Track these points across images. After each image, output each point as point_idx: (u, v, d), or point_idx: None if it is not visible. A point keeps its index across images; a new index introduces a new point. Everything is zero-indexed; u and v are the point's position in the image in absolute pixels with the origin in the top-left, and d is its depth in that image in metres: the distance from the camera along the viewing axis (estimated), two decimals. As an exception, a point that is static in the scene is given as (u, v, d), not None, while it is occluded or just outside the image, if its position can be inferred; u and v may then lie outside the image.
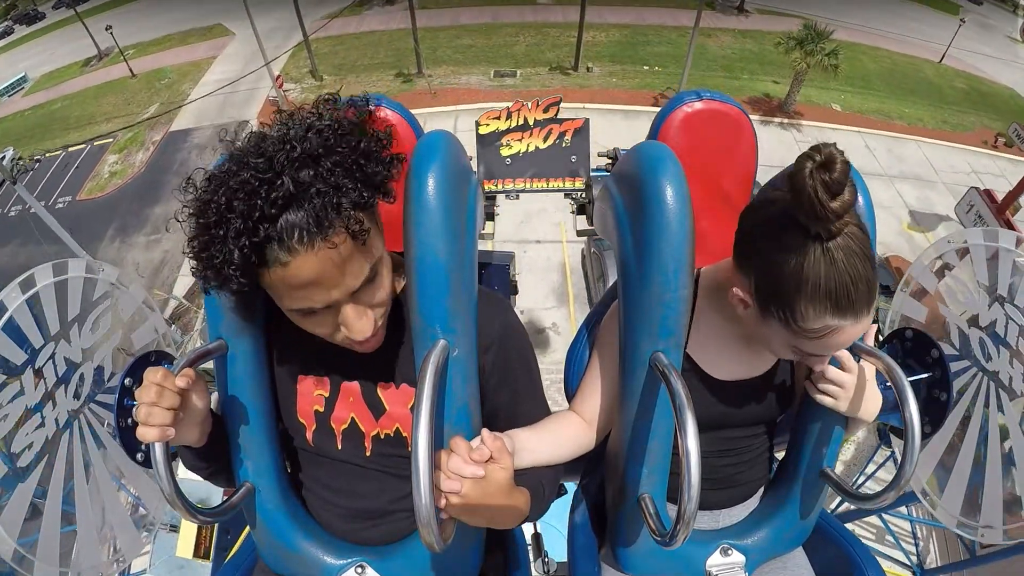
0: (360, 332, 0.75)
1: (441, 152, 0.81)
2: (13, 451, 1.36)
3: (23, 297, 1.38)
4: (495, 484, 0.75)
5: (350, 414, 0.92)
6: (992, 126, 19.18)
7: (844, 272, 0.73)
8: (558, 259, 11.93)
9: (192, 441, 0.83)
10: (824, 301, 0.74)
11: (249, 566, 1.14)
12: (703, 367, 0.99)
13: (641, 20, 23.86)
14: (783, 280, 0.76)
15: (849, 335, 0.78)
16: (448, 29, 23.09)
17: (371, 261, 0.73)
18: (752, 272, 0.83)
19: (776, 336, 0.84)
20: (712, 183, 1.10)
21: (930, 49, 24.25)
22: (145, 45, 25.52)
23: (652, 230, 0.82)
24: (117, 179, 17.63)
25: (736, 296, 0.86)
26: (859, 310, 0.76)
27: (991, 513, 1.68)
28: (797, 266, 0.75)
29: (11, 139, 21.09)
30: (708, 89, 1.14)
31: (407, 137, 1.10)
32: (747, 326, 0.90)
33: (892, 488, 0.86)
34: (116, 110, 21.43)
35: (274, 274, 0.67)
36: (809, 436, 1.02)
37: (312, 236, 0.64)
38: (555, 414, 1.02)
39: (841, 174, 0.68)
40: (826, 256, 0.73)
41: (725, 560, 1.03)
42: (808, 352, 0.83)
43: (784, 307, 0.78)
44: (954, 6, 32.04)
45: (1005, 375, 1.63)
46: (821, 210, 0.69)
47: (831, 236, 0.73)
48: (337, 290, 0.70)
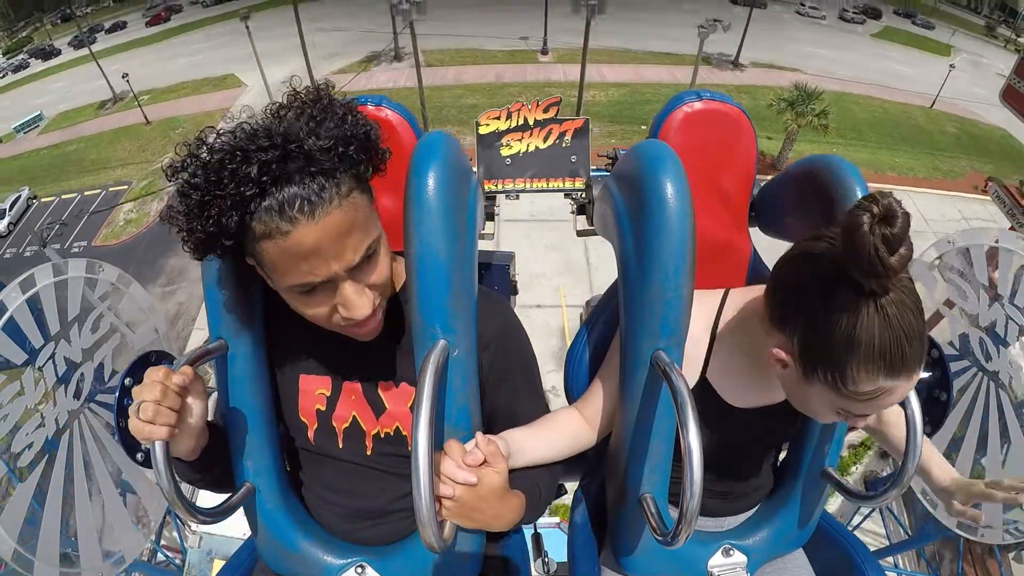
0: (359, 309, 0.74)
1: (441, 152, 0.81)
2: (13, 451, 1.36)
3: (23, 297, 1.38)
4: (488, 488, 0.75)
5: (351, 412, 0.92)
6: (983, 169, 19.29)
7: (898, 329, 0.67)
8: (557, 324, 12.06)
9: (184, 452, 0.80)
10: (878, 362, 0.69)
11: (249, 566, 1.14)
12: (722, 394, 0.97)
13: (639, 77, 24.06)
14: (833, 342, 0.70)
15: (900, 394, 0.73)
16: (453, 88, 23.31)
17: (370, 238, 0.73)
18: (796, 331, 0.76)
19: (820, 397, 0.78)
20: (712, 183, 1.10)
21: (922, 96, 24.59)
22: (159, 92, 25.60)
23: (652, 228, 0.82)
24: (132, 227, 17.70)
25: (775, 357, 0.80)
26: (912, 368, 0.70)
27: (991, 513, 1.68)
28: (849, 327, 0.68)
29: (27, 177, 21.47)
30: (708, 89, 1.14)
31: (408, 138, 1.10)
32: (784, 385, 0.84)
33: (894, 487, 0.86)
34: (131, 156, 21.56)
35: (276, 246, 0.67)
36: (810, 436, 1.02)
37: (313, 206, 0.66)
38: (553, 412, 1.02)
39: (902, 229, 0.62)
40: (880, 314, 0.67)
41: (727, 561, 1.03)
42: (855, 413, 0.77)
43: (833, 370, 0.72)
44: (945, 47, 32.51)
45: (1005, 375, 1.63)
46: (880, 268, 0.63)
47: (885, 292, 0.67)
48: (337, 262, 0.70)
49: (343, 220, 0.68)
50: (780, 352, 0.79)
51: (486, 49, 26.40)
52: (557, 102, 1.67)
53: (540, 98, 1.62)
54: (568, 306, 12.32)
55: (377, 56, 26.32)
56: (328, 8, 32.11)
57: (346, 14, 30.92)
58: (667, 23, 29.02)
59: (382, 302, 0.81)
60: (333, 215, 0.67)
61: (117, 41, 33.64)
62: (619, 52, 25.66)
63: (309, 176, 0.66)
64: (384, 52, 26.40)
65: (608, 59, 25.03)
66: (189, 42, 31.65)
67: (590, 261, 13.69)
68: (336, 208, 0.67)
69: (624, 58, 25.65)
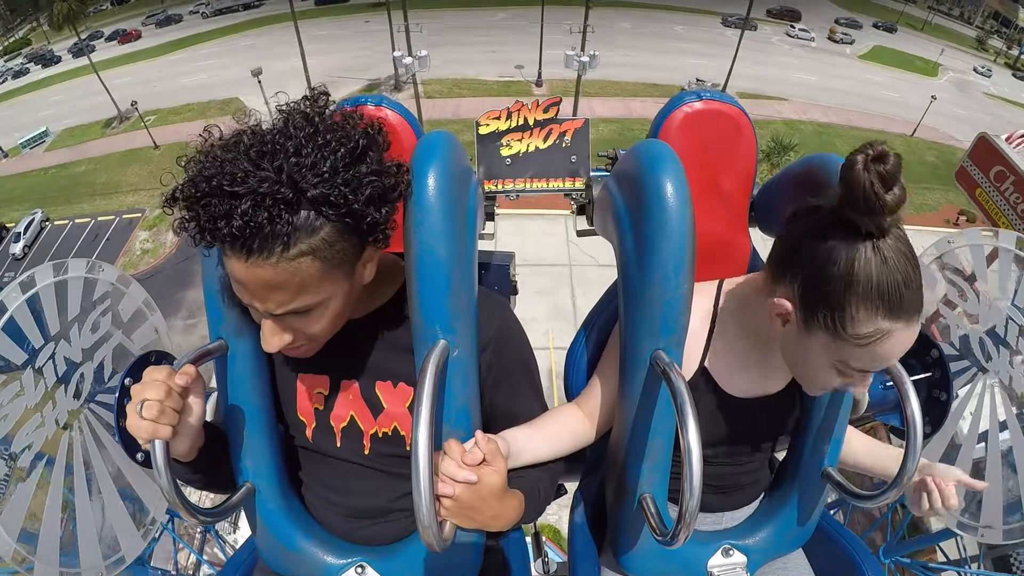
0: (267, 344, 0.75)
1: (441, 152, 0.81)
2: (13, 451, 1.35)
3: (23, 297, 1.38)
4: (487, 488, 0.75)
5: (349, 412, 0.92)
6: (956, 201, 19.21)
7: (896, 272, 0.70)
8: (546, 366, 12.25)
9: (181, 453, 0.79)
10: (876, 301, 0.70)
11: (249, 566, 1.14)
12: (719, 382, 0.97)
13: (629, 112, 24.15)
14: (833, 281, 0.72)
15: (898, 343, 0.73)
16: (452, 122, 23.40)
17: (304, 300, 0.71)
18: (798, 277, 0.78)
19: (819, 352, 0.78)
20: (712, 183, 1.10)
21: (905, 122, 24.72)
22: (165, 113, 25.50)
23: (653, 228, 0.82)
24: (150, 257, 17.78)
25: (777, 308, 0.81)
26: (910, 314, 0.71)
27: (991, 513, 1.68)
28: (848, 265, 0.71)
29: (37, 197, 21.53)
30: (708, 89, 1.14)
31: (408, 138, 1.10)
32: (785, 346, 0.85)
33: (894, 486, 0.86)
34: (141, 181, 21.53)
35: (225, 259, 0.69)
36: (810, 436, 1.02)
37: (250, 251, 0.65)
38: (553, 409, 1.02)
39: (895, 167, 0.66)
40: (878, 255, 0.70)
41: (726, 560, 1.03)
42: (854, 366, 0.77)
43: (833, 310, 0.73)
44: (933, 67, 32.68)
45: (1005, 375, 1.63)
46: (876, 202, 0.66)
47: (883, 233, 0.70)
48: (258, 302, 0.71)
49: (272, 277, 0.67)
50: (782, 301, 0.80)
51: (483, 79, 26.54)
52: (557, 102, 1.67)
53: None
54: (556, 348, 12.67)
55: (378, 85, 26.40)
56: (326, 26, 32.20)
57: (343, 41, 31.02)
58: (660, 50, 29.24)
59: (312, 346, 0.81)
60: (263, 269, 0.66)
61: (118, 52, 33.54)
62: (611, 83, 25.82)
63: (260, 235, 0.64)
64: (384, 80, 26.53)
65: (600, 91, 25.18)
66: (191, 58, 31.51)
67: (576, 305, 14.07)
68: (269, 265, 0.66)
69: (614, 90, 25.81)
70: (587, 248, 14.53)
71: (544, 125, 1.68)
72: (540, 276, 14.39)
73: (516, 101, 1.68)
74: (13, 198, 22.16)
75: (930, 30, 38.73)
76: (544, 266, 14.36)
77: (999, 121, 26.86)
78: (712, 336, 0.96)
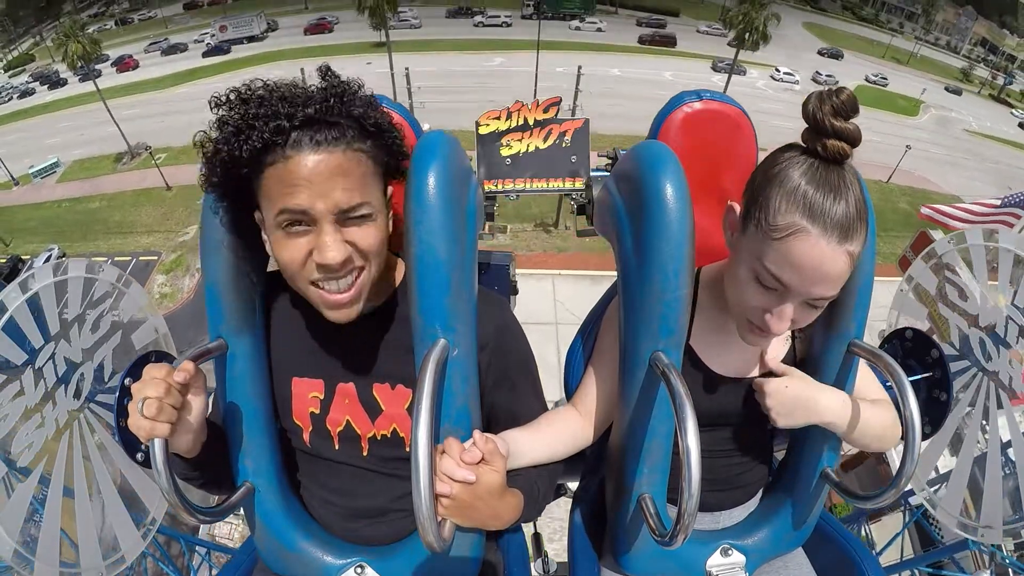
0: (329, 251, 0.74)
1: (441, 152, 0.81)
2: (13, 451, 1.36)
3: (23, 297, 1.38)
4: (486, 487, 0.75)
5: (345, 416, 0.92)
6: None
7: (826, 185, 0.75)
8: None
9: (183, 449, 0.80)
10: (799, 199, 0.75)
11: (249, 566, 1.14)
12: (702, 358, 0.99)
13: None
14: (769, 181, 0.79)
15: (813, 249, 0.75)
16: None
17: (364, 197, 0.77)
18: (748, 191, 0.85)
19: (745, 258, 0.83)
20: (712, 183, 1.10)
21: (881, 167, 24.63)
22: (175, 152, 25.22)
23: (652, 229, 0.82)
24: (168, 302, 17.73)
25: (728, 220, 0.88)
26: (831, 227, 0.74)
27: (991, 513, 1.68)
28: (785, 168, 0.78)
29: (52, 231, 21.58)
30: (708, 89, 1.14)
31: (408, 138, 1.10)
32: (728, 270, 0.90)
33: (893, 487, 0.86)
34: (155, 223, 21.56)
35: (275, 172, 0.73)
36: (809, 436, 1.02)
37: (318, 144, 0.73)
38: (551, 411, 1.02)
39: (848, 98, 0.73)
40: (813, 168, 0.76)
41: (725, 560, 1.03)
42: (769, 270, 0.79)
43: (759, 205, 0.80)
44: (914, 105, 32.97)
45: (1005, 375, 1.62)
46: (825, 126, 0.73)
47: (827, 156, 0.75)
48: (323, 200, 0.73)
49: (340, 162, 0.74)
50: (733, 203, 0.87)
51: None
52: (557, 102, 1.67)
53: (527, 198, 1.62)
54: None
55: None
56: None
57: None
58: (647, 97, 28.77)
59: (363, 276, 0.80)
60: (333, 155, 0.73)
61: (123, 80, 33.32)
62: (593, 136, 25.59)
63: (326, 126, 0.74)
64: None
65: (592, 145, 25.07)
66: (196, 95, 30.79)
67: (561, 361, 13.96)
68: (338, 151, 0.74)
69: (598, 143, 25.32)
70: (571, 307, 14.77)
71: (544, 125, 1.69)
72: (528, 332, 14.33)
73: (516, 101, 1.68)
74: (27, 229, 22.23)
75: (915, 63, 38.95)
76: (531, 324, 14.42)
77: (973, 160, 27.10)
78: (694, 314, 0.98)
